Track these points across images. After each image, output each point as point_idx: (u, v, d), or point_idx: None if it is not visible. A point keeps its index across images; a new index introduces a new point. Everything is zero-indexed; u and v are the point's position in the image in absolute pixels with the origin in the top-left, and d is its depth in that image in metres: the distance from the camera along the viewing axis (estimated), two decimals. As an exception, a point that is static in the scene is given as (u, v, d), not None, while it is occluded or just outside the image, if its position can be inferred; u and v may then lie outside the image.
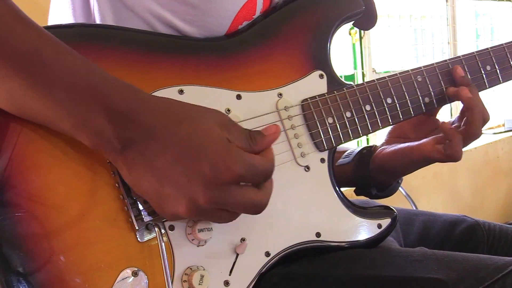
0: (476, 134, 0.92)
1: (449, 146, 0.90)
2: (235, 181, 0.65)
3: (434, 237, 1.05)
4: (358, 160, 1.00)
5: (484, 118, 0.93)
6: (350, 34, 2.89)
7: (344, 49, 2.88)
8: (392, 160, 0.96)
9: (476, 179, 3.22)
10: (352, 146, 1.07)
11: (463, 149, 0.91)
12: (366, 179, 0.97)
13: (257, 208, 0.68)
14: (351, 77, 2.87)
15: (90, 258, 0.67)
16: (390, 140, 1.01)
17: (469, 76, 0.95)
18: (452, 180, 3.06)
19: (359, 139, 0.95)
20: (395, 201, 0.90)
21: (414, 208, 2.26)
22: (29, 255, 0.65)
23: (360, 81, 0.97)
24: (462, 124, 0.92)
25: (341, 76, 0.92)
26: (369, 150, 1.00)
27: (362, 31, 2.85)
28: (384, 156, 0.97)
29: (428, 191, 2.89)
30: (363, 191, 1.02)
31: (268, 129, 0.70)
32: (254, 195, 0.67)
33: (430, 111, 0.95)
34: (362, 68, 2.90)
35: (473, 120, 0.91)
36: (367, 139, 2.62)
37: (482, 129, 0.93)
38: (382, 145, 1.01)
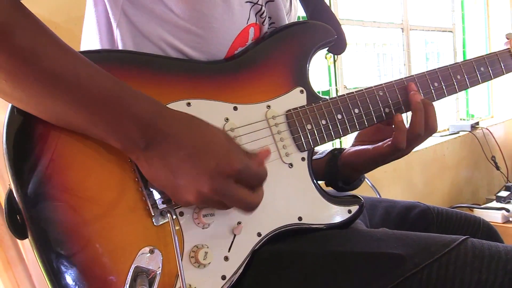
0: (418, 132, 0.89)
1: (394, 135, 0.88)
2: (234, 175, 0.65)
3: (393, 220, 1.04)
4: (329, 158, 0.99)
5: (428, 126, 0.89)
6: (326, 58, 2.88)
7: (321, 70, 2.89)
8: (354, 158, 0.95)
9: (427, 173, 3.21)
10: (328, 148, 1.06)
11: (417, 149, 0.89)
12: (335, 174, 0.94)
13: (248, 205, 0.68)
14: (327, 92, 2.87)
15: (115, 239, 0.66)
16: (356, 143, 1.00)
17: (421, 91, 0.94)
18: (408, 173, 3.06)
19: (333, 141, 0.94)
20: (363, 191, 0.89)
21: (378, 196, 2.25)
22: (66, 238, 0.64)
23: (334, 96, 0.97)
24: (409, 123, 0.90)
25: (319, 92, 0.91)
26: (339, 151, 1.00)
27: (335, 56, 2.85)
28: (348, 154, 0.97)
29: (389, 182, 2.88)
30: (332, 183, 1.00)
31: (261, 149, 0.70)
32: (247, 194, 0.67)
33: (390, 119, 0.94)
34: (336, 85, 2.89)
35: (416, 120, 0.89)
36: (340, 142, 2.62)
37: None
38: (350, 147, 1.00)
